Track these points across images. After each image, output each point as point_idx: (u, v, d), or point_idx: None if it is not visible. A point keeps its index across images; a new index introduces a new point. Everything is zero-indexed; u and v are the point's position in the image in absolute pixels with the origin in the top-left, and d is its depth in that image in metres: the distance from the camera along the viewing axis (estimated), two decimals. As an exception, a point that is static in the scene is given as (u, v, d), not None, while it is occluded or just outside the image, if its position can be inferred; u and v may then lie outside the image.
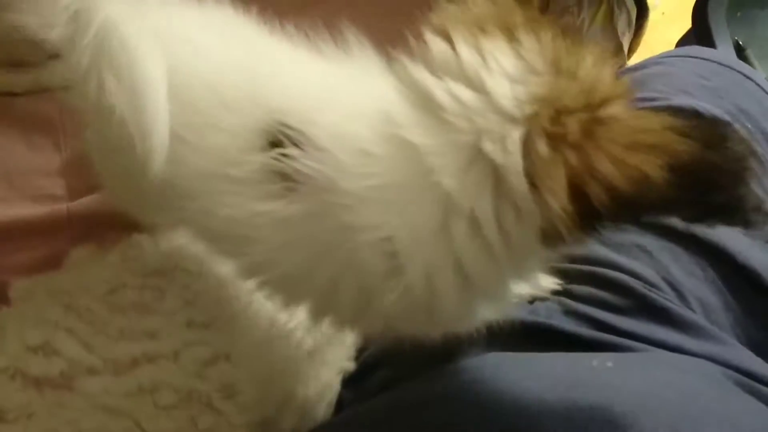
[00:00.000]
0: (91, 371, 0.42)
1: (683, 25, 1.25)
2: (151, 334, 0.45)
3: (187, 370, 0.45)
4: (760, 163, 0.54)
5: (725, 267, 0.53)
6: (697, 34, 1.09)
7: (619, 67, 0.63)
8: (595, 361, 0.45)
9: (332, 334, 0.54)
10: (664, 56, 0.67)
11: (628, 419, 0.37)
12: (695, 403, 0.39)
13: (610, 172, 0.31)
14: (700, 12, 1.07)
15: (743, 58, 1.04)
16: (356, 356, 0.56)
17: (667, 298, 0.51)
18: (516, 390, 0.41)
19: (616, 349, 0.48)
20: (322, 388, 0.51)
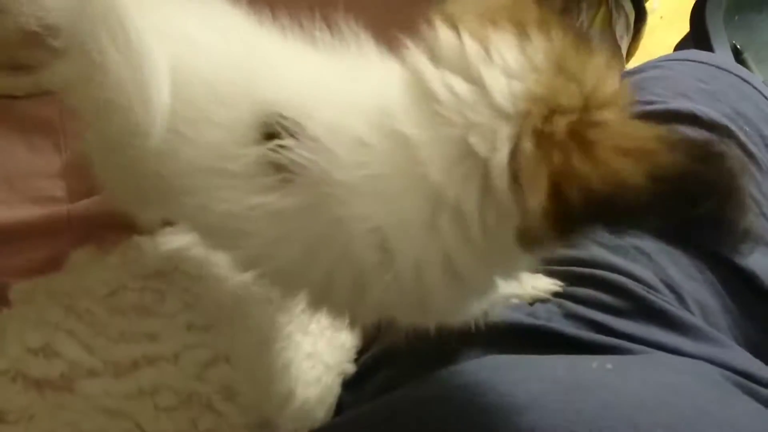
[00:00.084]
0: (92, 373, 0.43)
1: (681, 28, 1.25)
2: (151, 336, 0.45)
3: (187, 372, 0.45)
4: (754, 179, 0.55)
5: (724, 269, 0.53)
6: (695, 38, 1.09)
7: (622, 74, 0.63)
8: (594, 363, 0.45)
9: (332, 336, 0.54)
10: (662, 60, 0.67)
11: (627, 421, 0.37)
12: (694, 404, 0.40)
13: (589, 173, 0.31)
14: (697, 16, 1.08)
15: (741, 62, 1.04)
16: (356, 359, 0.57)
17: (665, 301, 0.51)
18: (515, 392, 0.41)
19: (615, 351, 0.48)
20: (322, 391, 0.51)
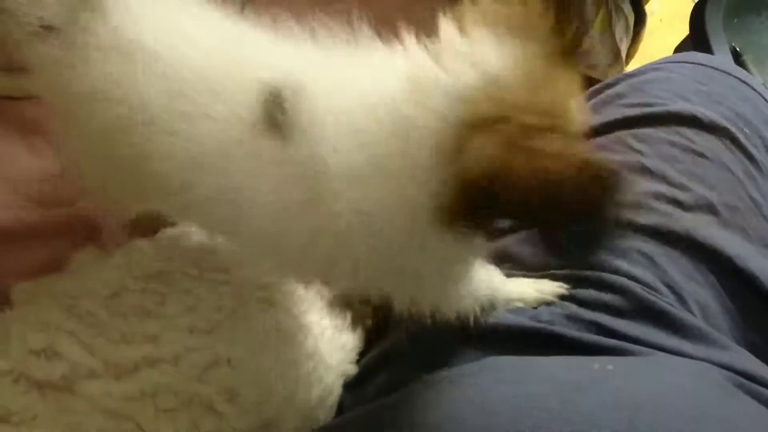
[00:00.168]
0: (93, 374, 0.43)
1: (681, 31, 1.25)
2: (152, 338, 0.45)
3: (189, 373, 0.45)
4: (754, 181, 0.56)
5: (724, 271, 0.53)
6: (695, 41, 1.09)
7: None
8: (595, 365, 0.45)
9: (333, 337, 0.54)
10: (662, 62, 0.68)
11: (628, 421, 0.37)
12: (695, 404, 0.40)
13: (510, 169, 0.34)
14: (697, 18, 1.08)
15: (740, 64, 1.05)
16: (357, 360, 0.57)
17: (667, 302, 0.51)
18: (517, 392, 0.41)
19: (616, 352, 0.48)
20: (323, 392, 0.51)
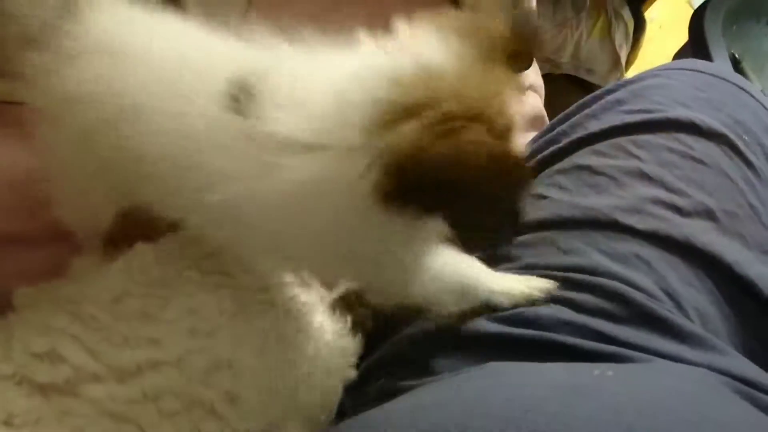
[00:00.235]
0: (96, 378, 0.43)
1: (680, 38, 1.26)
2: (155, 342, 0.45)
3: (191, 377, 0.45)
4: (752, 186, 0.57)
5: (722, 277, 0.53)
6: (694, 47, 1.10)
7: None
8: (596, 371, 0.45)
9: (334, 341, 0.55)
10: (661, 69, 0.68)
11: (627, 426, 0.37)
12: (694, 409, 0.40)
13: (414, 146, 0.37)
14: (696, 25, 1.09)
15: (739, 71, 1.05)
16: (357, 364, 0.57)
17: (665, 309, 0.51)
18: (515, 397, 0.41)
19: (615, 359, 0.48)
20: (324, 395, 0.51)
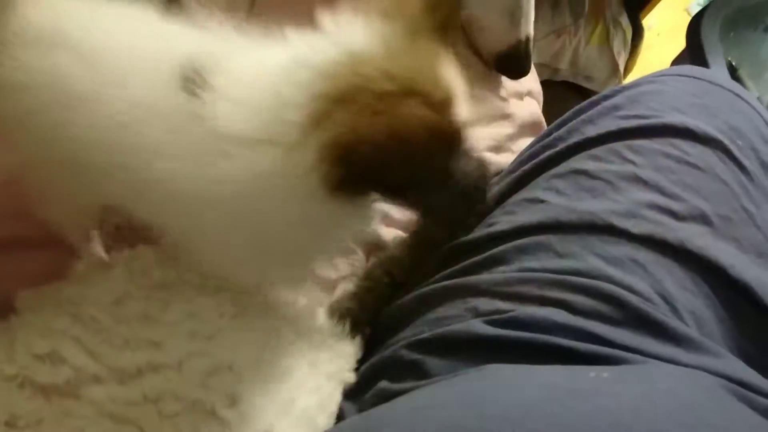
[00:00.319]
0: (97, 379, 0.43)
1: (678, 45, 1.27)
2: (156, 344, 0.46)
3: (191, 379, 0.45)
4: (747, 191, 0.57)
5: (718, 281, 0.54)
6: (691, 55, 1.11)
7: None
8: (592, 373, 0.45)
9: (333, 344, 0.55)
10: (658, 75, 0.68)
11: (624, 427, 0.38)
12: (689, 410, 0.40)
13: (350, 133, 0.38)
14: (693, 33, 1.09)
15: (736, 78, 1.06)
16: (356, 368, 0.57)
17: (661, 312, 0.51)
18: (514, 397, 0.41)
19: (611, 361, 0.48)
20: (323, 399, 0.51)
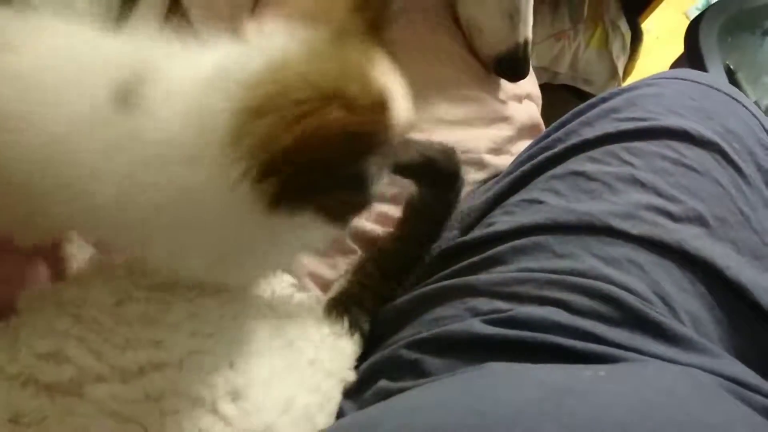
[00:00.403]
0: (100, 378, 0.44)
1: (677, 49, 1.28)
2: (157, 344, 0.46)
3: (193, 377, 0.46)
4: (743, 194, 0.57)
5: (714, 282, 0.54)
6: (689, 58, 1.11)
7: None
8: (589, 372, 0.46)
9: (333, 343, 0.55)
10: (655, 78, 0.69)
11: (620, 424, 0.38)
12: (686, 408, 0.41)
13: (269, 144, 0.37)
14: (692, 36, 1.10)
15: (734, 82, 1.07)
16: (356, 366, 0.58)
17: (658, 312, 0.52)
18: (512, 396, 0.41)
19: (608, 360, 0.49)
20: (323, 397, 0.52)
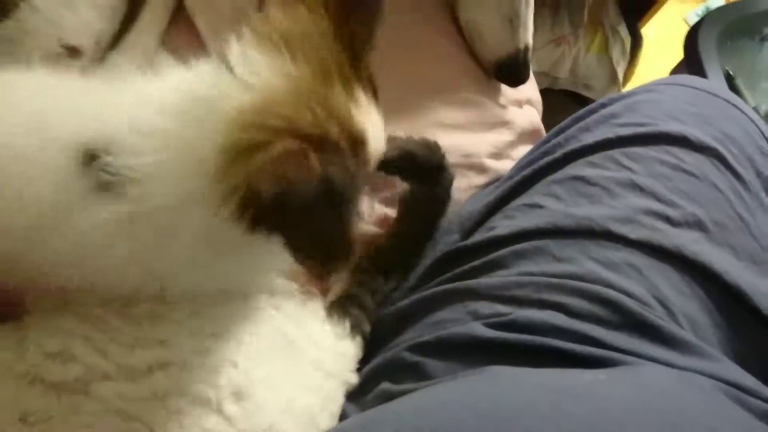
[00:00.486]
0: (106, 377, 0.44)
1: (676, 54, 1.28)
2: (163, 343, 0.47)
3: (197, 376, 0.46)
4: (742, 200, 0.58)
5: (713, 286, 0.55)
6: (689, 64, 1.12)
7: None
8: (588, 375, 0.46)
9: (335, 344, 0.56)
10: (654, 84, 0.70)
11: (618, 427, 0.39)
12: (684, 411, 0.41)
13: (255, 174, 0.37)
14: (691, 42, 1.11)
15: (733, 88, 1.07)
16: (358, 369, 0.58)
17: (657, 316, 0.52)
18: (510, 398, 0.42)
19: (607, 364, 0.49)
20: (325, 399, 0.52)
